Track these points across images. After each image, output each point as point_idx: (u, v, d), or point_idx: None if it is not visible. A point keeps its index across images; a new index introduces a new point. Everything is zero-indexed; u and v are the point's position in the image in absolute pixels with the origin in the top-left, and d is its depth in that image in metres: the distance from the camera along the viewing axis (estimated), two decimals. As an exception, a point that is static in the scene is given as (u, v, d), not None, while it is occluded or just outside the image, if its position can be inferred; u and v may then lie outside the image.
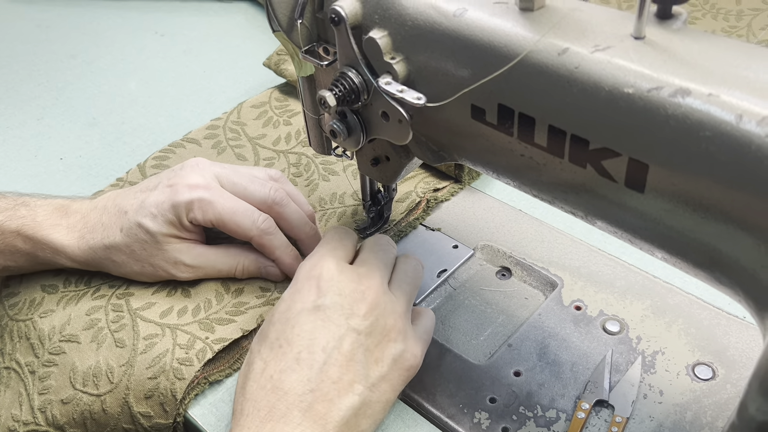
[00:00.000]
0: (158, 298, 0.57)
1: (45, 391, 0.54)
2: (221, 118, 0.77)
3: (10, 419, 0.55)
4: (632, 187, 0.36)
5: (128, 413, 0.52)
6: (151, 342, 0.54)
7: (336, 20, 0.44)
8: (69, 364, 0.55)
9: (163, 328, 0.55)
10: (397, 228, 0.63)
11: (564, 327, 0.55)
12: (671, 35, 0.35)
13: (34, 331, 0.58)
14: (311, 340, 0.46)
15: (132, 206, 0.57)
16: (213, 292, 0.58)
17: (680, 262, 0.38)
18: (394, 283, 0.52)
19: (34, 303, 0.60)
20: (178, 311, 0.56)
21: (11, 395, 0.56)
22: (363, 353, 0.46)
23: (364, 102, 0.46)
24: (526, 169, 0.41)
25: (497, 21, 0.39)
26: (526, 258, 0.60)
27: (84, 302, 0.58)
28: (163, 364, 0.53)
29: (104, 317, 0.57)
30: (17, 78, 0.90)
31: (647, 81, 0.33)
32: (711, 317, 0.54)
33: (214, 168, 0.58)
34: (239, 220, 0.56)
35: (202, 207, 0.55)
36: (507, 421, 0.49)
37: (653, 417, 0.48)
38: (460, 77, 0.41)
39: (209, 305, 0.57)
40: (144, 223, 0.55)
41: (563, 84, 0.36)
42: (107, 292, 0.58)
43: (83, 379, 0.54)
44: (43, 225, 0.58)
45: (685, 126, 0.32)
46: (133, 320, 0.56)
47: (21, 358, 0.57)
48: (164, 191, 0.56)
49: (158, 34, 0.97)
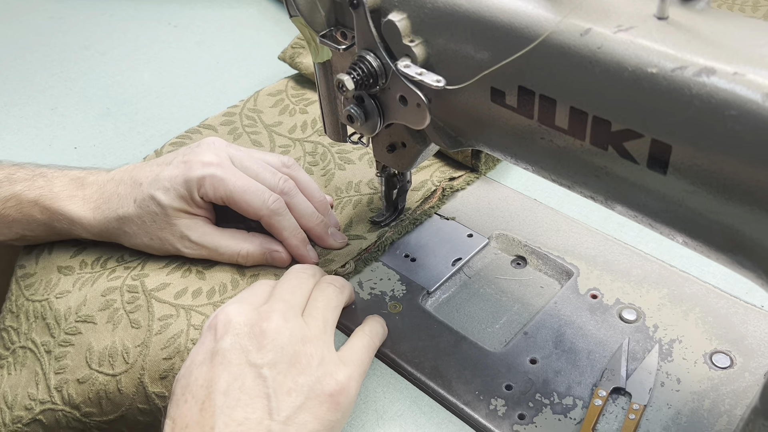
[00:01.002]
0: (173, 279, 0.58)
1: (61, 370, 0.55)
2: (238, 106, 0.77)
3: (26, 398, 0.55)
4: (654, 168, 0.36)
5: (143, 393, 0.52)
6: (166, 323, 0.54)
7: (355, 3, 0.43)
8: (85, 344, 0.55)
9: (177, 308, 0.55)
10: (412, 216, 0.63)
11: (580, 315, 0.54)
12: (695, 15, 0.35)
13: (51, 312, 0.58)
14: (210, 387, 0.43)
15: (147, 179, 0.58)
16: (228, 277, 0.58)
17: (701, 246, 0.38)
18: (306, 310, 0.49)
19: (50, 284, 0.60)
20: (192, 292, 0.57)
21: (27, 374, 0.56)
22: (270, 387, 0.43)
23: (382, 86, 0.46)
24: (546, 152, 0.41)
25: (518, 2, 0.39)
26: (542, 247, 0.60)
27: (100, 283, 0.59)
28: (177, 345, 0.53)
29: (120, 298, 0.57)
30: (32, 68, 0.90)
31: (671, 61, 0.33)
32: (728, 306, 0.54)
33: (229, 149, 0.59)
34: (249, 199, 0.56)
35: (214, 183, 0.56)
36: (523, 408, 0.49)
37: (671, 405, 0.48)
38: (480, 60, 0.40)
39: (224, 289, 0.57)
40: (156, 195, 0.56)
41: (585, 65, 0.36)
42: (122, 274, 0.59)
43: (99, 359, 0.54)
44: (60, 196, 0.59)
45: (709, 105, 0.32)
46: (148, 301, 0.56)
47: (37, 338, 0.58)
48: (179, 166, 0.57)
49: (171, 25, 0.98)
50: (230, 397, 0.43)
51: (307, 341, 0.46)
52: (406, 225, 0.62)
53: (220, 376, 0.43)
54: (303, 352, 0.45)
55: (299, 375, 0.44)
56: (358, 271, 0.59)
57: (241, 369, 0.44)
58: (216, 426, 0.42)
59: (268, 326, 0.45)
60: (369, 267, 0.60)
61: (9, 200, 0.60)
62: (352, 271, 0.59)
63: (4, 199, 0.60)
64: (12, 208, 0.60)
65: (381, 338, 0.52)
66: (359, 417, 0.50)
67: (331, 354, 0.47)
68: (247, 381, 0.43)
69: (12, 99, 0.85)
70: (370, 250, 0.61)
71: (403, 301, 0.57)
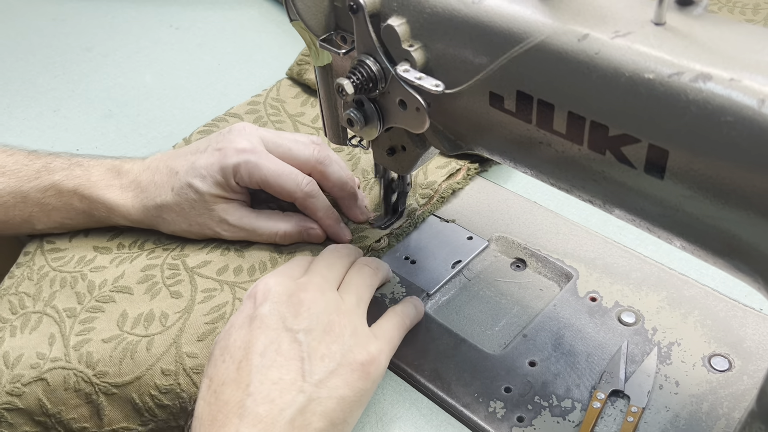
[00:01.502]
0: (213, 257, 0.60)
1: (85, 332, 0.55)
2: (261, 95, 0.79)
3: (34, 357, 0.55)
4: (652, 173, 0.36)
5: (173, 353, 0.53)
6: (210, 294, 0.56)
7: (354, 8, 0.44)
8: (118, 310, 0.56)
9: (221, 284, 0.57)
10: (412, 218, 0.63)
11: (579, 318, 0.54)
12: (692, 21, 0.35)
13: (83, 282, 0.59)
14: (248, 348, 0.46)
15: (183, 167, 0.59)
16: (267, 256, 0.59)
17: (699, 250, 0.38)
18: (342, 286, 0.52)
19: (84, 259, 0.62)
20: (234, 269, 0.58)
21: (39, 336, 0.56)
22: (305, 351, 0.46)
23: (381, 90, 0.47)
24: (544, 157, 0.41)
25: (516, 7, 0.39)
26: (541, 249, 0.60)
27: (139, 261, 0.60)
28: (222, 313, 0.54)
29: (160, 274, 0.59)
30: (34, 70, 0.91)
31: (668, 66, 0.33)
32: (727, 309, 0.54)
33: (259, 132, 0.61)
34: (284, 182, 0.58)
35: (249, 169, 0.58)
36: (522, 411, 0.49)
37: (669, 407, 0.48)
38: (479, 65, 0.41)
39: (264, 267, 0.58)
40: (194, 183, 0.58)
41: (583, 70, 0.36)
42: (162, 254, 0.61)
43: (133, 323, 0.55)
44: (99, 185, 0.61)
45: (706, 111, 0.32)
46: (191, 276, 0.58)
47: (59, 305, 0.58)
48: (213, 154, 0.59)
49: (173, 27, 0.98)
50: (266, 358, 0.45)
51: (341, 313, 0.48)
52: (404, 227, 0.63)
53: (257, 339, 0.46)
54: (337, 323, 0.47)
55: (332, 343, 0.47)
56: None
57: (278, 333, 0.46)
58: (251, 384, 0.44)
59: (305, 296, 0.48)
60: (369, 269, 0.60)
61: (48, 190, 0.62)
62: (386, 246, 0.61)
63: (44, 188, 0.62)
64: (52, 197, 0.62)
65: (413, 319, 0.54)
66: (359, 419, 0.50)
67: (363, 327, 0.49)
68: (283, 344, 0.46)
69: (14, 101, 0.86)
70: (401, 227, 0.62)
71: (403, 304, 0.57)
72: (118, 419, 0.53)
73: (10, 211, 0.62)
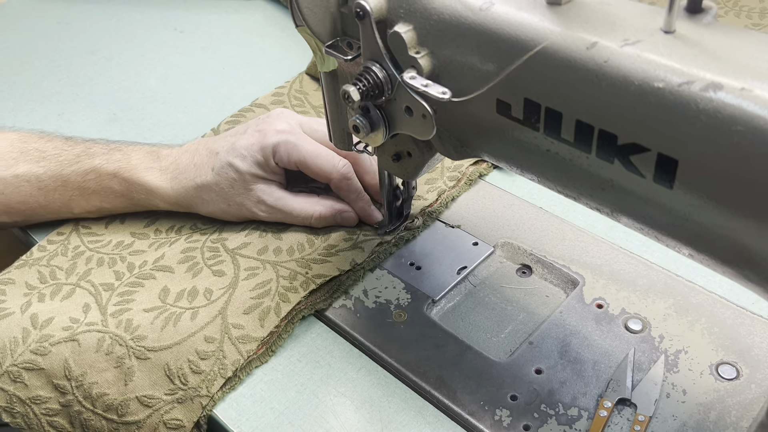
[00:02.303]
0: (252, 239, 0.61)
1: (124, 302, 0.56)
2: (285, 86, 0.81)
3: (67, 321, 0.55)
4: (661, 182, 0.36)
5: (219, 322, 0.53)
6: (253, 272, 0.57)
7: (361, 14, 0.43)
8: (159, 286, 0.57)
9: (263, 263, 0.58)
10: (416, 223, 0.63)
11: (586, 325, 0.54)
12: (702, 29, 0.35)
13: (122, 264, 0.60)
14: None
15: (223, 148, 0.61)
16: (305, 237, 0.61)
17: (707, 259, 0.38)
18: None
19: (122, 243, 0.63)
20: (273, 250, 0.60)
21: (71, 305, 0.56)
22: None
23: (387, 97, 0.46)
24: (551, 164, 0.41)
25: (524, 15, 0.39)
26: (547, 256, 0.60)
27: (179, 244, 0.61)
28: (267, 289, 0.55)
29: (200, 255, 0.60)
30: (38, 74, 0.91)
31: (678, 75, 0.33)
32: (735, 316, 0.53)
33: (297, 117, 0.63)
34: (321, 163, 0.60)
35: (288, 149, 0.59)
36: (528, 419, 0.49)
37: (676, 416, 0.48)
38: (486, 72, 0.40)
39: (302, 248, 0.60)
40: (235, 162, 0.60)
41: (592, 78, 0.36)
42: (200, 238, 0.62)
43: (175, 297, 0.56)
44: (138, 168, 0.63)
45: (716, 121, 0.32)
46: (233, 257, 0.59)
47: (95, 280, 0.59)
48: (254, 135, 0.61)
49: (177, 30, 0.98)
50: None
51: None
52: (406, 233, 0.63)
53: None
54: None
55: None
56: (364, 278, 0.60)
57: None
58: None
59: None
60: (374, 275, 0.60)
61: (89, 173, 0.63)
62: (421, 225, 0.63)
63: (84, 172, 0.63)
64: (92, 181, 0.63)
65: None
66: (364, 427, 0.50)
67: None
68: None
69: (19, 104, 0.85)
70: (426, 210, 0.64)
71: (408, 310, 0.57)
72: (143, 386, 0.52)
73: (51, 194, 0.63)
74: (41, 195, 0.63)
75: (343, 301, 0.58)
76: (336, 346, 0.55)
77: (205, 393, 0.51)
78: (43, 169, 0.63)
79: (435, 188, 0.65)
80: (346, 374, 0.53)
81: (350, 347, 0.55)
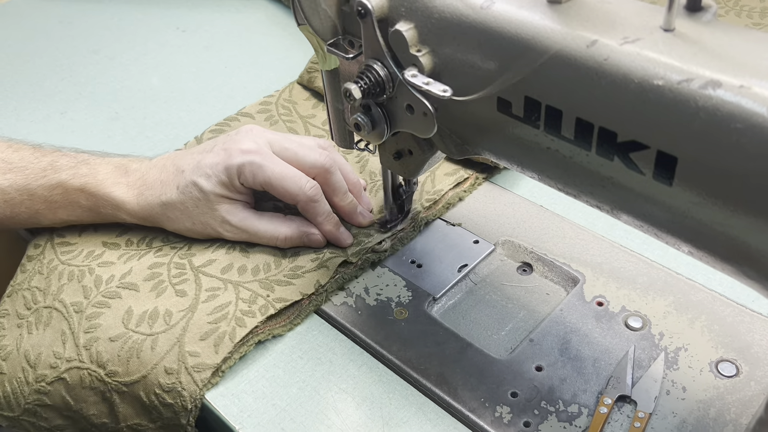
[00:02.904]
0: (218, 255, 0.60)
1: (92, 329, 0.56)
2: (273, 96, 0.80)
3: (51, 356, 0.56)
4: (660, 179, 0.36)
5: (176, 352, 0.53)
6: (213, 294, 0.57)
7: (362, 13, 0.44)
8: (124, 307, 0.57)
9: (225, 283, 0.58)
10: (416, 222, 0.63)
11: (586, 323, 0.54)
12: (701, 27, 0.35)
13: (90, 276, 0.60)
14: None
15: (189, 166, 0.60)
16: (271, 258, 0.60)
17: (707, 256, 0.38)
18: None
19: (93, 254, 0.62)
20: (238, 269, 0.59)
21: (52, 334, 0.57)
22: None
23: (389, 95, 0.47)
24: (551, 162, 0.41)
25: (525, 13, 0.39)
26: (548, 254, 0.60)
27: (147, 259, 0.61)
28: (225, 313, 0.55)
29: (166, 272, 0.59)
30: (41, 73, 0.91)
31: (677, 73, 0.33)
32: (734, 314, 0.54)
33: (266, 134, 0.61)
34: (287, 185, 0.58)
35: (253, 170, 0.58)
36: (529, 416, 0.49)
37: (676, 413, 0.48)
38: (487, 70, 0.41)
39: (268, 268, 0.59)
40: (199, 182, 0.59)
41: (592, 76, 0.36)
42: (169, 252, 0.61)
43: (137, 321, 0.56)
44: (105, 183, 0.62)
45: (715, 118, 0.32)
46: (196, 275, 0.59)
47: (67, 299, 0.59)
48: (219, 154, 0.60)
49: (179, 30, 0.98)
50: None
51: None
52: (409, 231, 0.63)
53: None
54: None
55: None
56: (365, 274, 0.60)
57: None
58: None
59: None
60: (375, 272, 0.60)
61: (55, 188, 0.62)
62: (389, 248, 0.61)
63: (51, 187, 0.62)
64: (59, 195, 0.62)
65: None
66: (365, 423, 0.50)
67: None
68: None
69: (22, 103, 0.86)
70: (405, 230, 0.63)
71: (409, 308, 0.57)
72: (131, 416, 0.54)
73: (17, 207, 0.63)
74: (8, 207, 0.63)
75: (345, 299, 0.58)
76: (337, 343, 0.56)
77: (178, 422, 0.52)
78: (8, 182, 0.62)
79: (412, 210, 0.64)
80: (348, 371, 0.54)
81: (351, 344, 0.56)
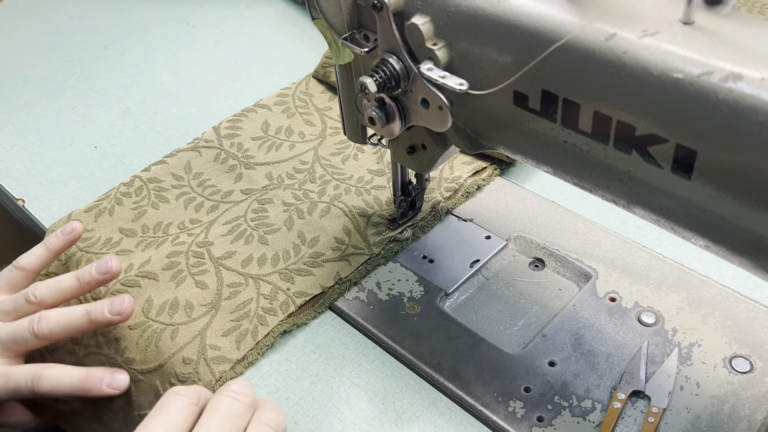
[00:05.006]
0: (237, 246, 0.62)
1: None
2: (290, 88, 0.81)
3: (69, 342, 0.57)
4: (679, 173, 0.36)
5: (197, 343, 0.54)
6: (236, 290, 0.58)
7: (378, 6, 0.44)
8: (144, 296, 0.58)
9: (246, 277, 0.59)
10: (436, 210, 0.64)
11: (599, 318, 0.54)
12: (721, 20, 0.35)
13: None
14: None
15: None
16: (290, 243, 0.61)
17: (724, 250, 0.38)
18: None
19: (110, 241, 0.63)
20: (257, 259, 0.60)
21: None
22: None
23: (404, 88, 0.46)
24: (568, 156, 0.41)
25: (542, 6, 0.39)
26: (560, 249, 0.60)
27: (165, 247, 0.62)
28: (247, 311, 0.56)
29: (184, 261, 0.60)
30: (52, 68, 0.91)
31: (697, 66, 0.33)
32: (748, 310, 0.53)
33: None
34: None
35: None
36: (542, 411, 0.49)
37: (690, 409, 0.48)
38: (504, 63, 0.41)
39: (287, 255, 0.60)
40: None
41: (610, 69, 0.36)
42: (186, 240, 0.62)
43: (158, 310, 0.57)
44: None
45: (736, 111, 0.32)
46: (217, 268, 0.60)
47: None
48: None
49: (190, 25, 0.98)
50: None
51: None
52: (423, 225, 0.63)
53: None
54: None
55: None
56: (376, 270, 0.60)
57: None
58: None
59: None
60: (387, 267, 0.60)
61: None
62: (410, 237, 0.62)
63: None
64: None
65: None
66: (378, 417, 0.50)
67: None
68: None
69: (33, 98, 0.86)
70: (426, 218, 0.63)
71: (421, 303, 0.57)
72: (144, 405, 0.54)
73: None
74: None
75: (357, 293, 0.58)
76: (350, 337, 0.56)
77: None
78: None
79: (430, 199, 0.64)
80: (360, 365, 0.54)
81: (364, 339, 0.56)
